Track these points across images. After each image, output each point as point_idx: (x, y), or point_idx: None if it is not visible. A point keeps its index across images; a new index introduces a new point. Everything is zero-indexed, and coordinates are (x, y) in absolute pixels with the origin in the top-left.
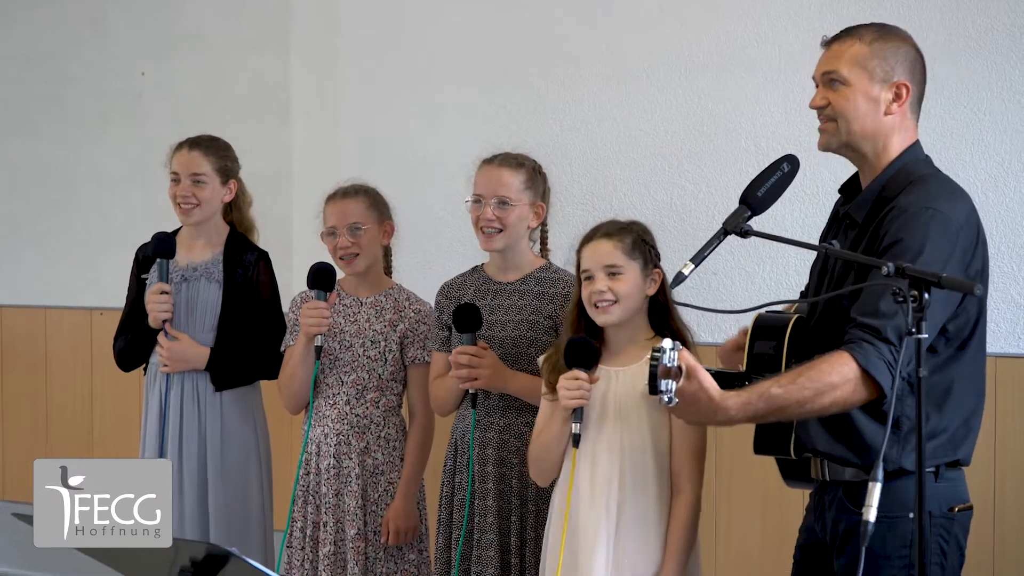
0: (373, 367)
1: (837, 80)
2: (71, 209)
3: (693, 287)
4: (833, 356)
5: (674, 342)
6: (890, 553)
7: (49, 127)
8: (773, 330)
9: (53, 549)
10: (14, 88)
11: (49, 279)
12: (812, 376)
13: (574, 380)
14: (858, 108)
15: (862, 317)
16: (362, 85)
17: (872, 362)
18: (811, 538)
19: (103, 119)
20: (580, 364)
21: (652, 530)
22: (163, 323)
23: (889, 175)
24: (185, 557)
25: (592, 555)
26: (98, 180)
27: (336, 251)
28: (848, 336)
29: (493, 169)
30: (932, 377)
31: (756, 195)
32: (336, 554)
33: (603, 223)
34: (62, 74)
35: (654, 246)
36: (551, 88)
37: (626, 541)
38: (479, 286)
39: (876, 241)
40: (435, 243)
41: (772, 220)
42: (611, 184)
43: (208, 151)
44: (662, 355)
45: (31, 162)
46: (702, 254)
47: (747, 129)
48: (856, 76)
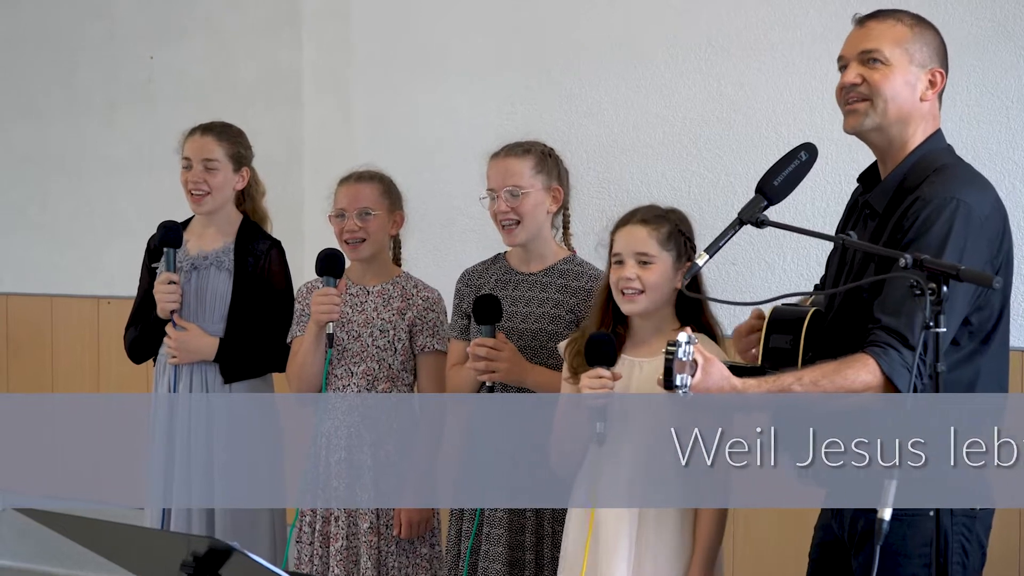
0: (383, 357)
1: (878, 59)
2: (78, 196)
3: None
4: (857, 361)
5: (690, 335)
6: (910, 551)
7: (56, 112)
8: (790, 323)
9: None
10: (20, 72)
11: (55, 267)
12: (836, 381)
13: (597, 379)
14: (897, 89)
15: (887, 318)
16: (374, 69)
17: (896, 370)
18: (828, 536)
19: (111, 104)
20: (601, 362)
21: (676, 525)
22: (171, 313)
23: (911, 163)
24: (187, 551)
25: (615, 551)
26: (106, 167)
27: (342, 234)
28: (872, 337)
29: (500, 161)
30: (955, 372)
31: (772, 184)
32: (348, 548)
33: (642, 207)
34: (69, 58)
35: (691, 238)
36: (566, 73)
37: (649, 536)
38: (500, 276)
39: (898, 232)
40: (448, 231)
41: (791, 210)
42: (627, 172)
43: (221, 137)
44: (677, 348)
45: (38, 148)
46: (717, 244)
47: (766, 116)
48: (897, 57)
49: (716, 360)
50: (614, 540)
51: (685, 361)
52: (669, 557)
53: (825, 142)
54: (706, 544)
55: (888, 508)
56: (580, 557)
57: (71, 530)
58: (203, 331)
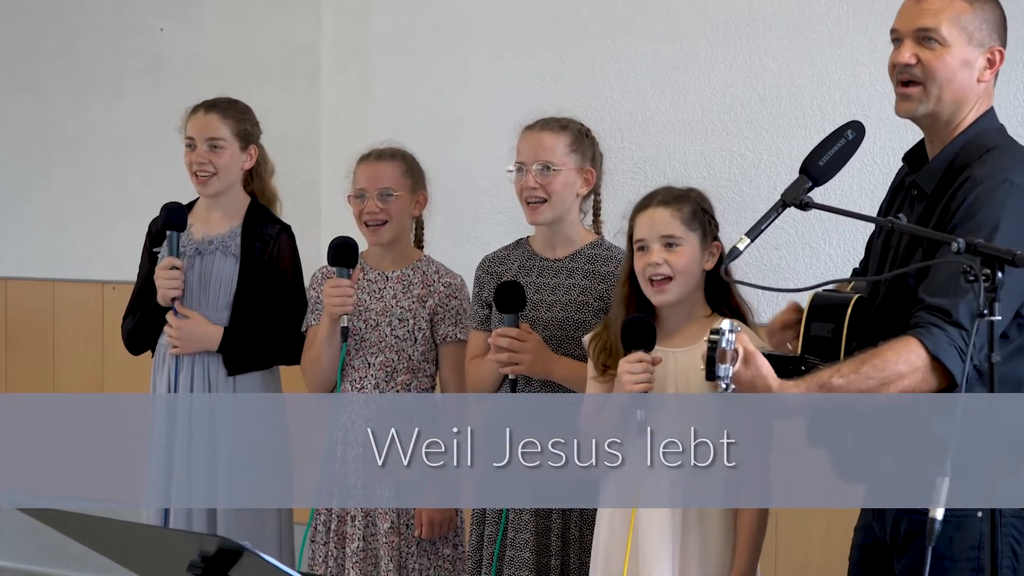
0: (402, 347)
1: (934, 39)
2: (82, 175)
3: (752, 263)
4: (899, 342)
5: (733, 323)
6: (956, 555)
7: (59, 87)
8: (832, 310)
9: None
10: (22, 44)
11: (58, 250)
12: (877, 364)
13: (638, 363)
14: (953, 72)
15: (931, 298)
16: (396, 42)
17: (942, 348)
18: (869, 538)
19: (118, 79)
20: (640, 346)
21: (718, 522)
22: (173, 301)
23: (961, 143)
24: (195, 551)
25: (657, 552)
26: (112, 144)
27: (362, 216)
28: (916, 319)
29: (534, 134)
30: (1003, 367)
31: (817, 164)
32: (366, 550)
33: (658, 190)
34: (73, 29)
35: (714, 216)
36: (600, 47)
37: (692, 534)
38: (523, 262)
39: (947, 215)
40: (474, 213)
41: (837, 191)
42: (664, 152)
43: (226, 114)
44: (720, 337)
45: (40, 124)
46: (759, 228)
47: (811, 92)
48: (955, 37)
49: (759, 353)
50: (656, 545)
51: (728, 351)
52: (715, 552)
53: (873, 120)
54: (748, 547)
55: (941, 507)
56: (614, 561)
57: (73, 529)
58: (206, 319)
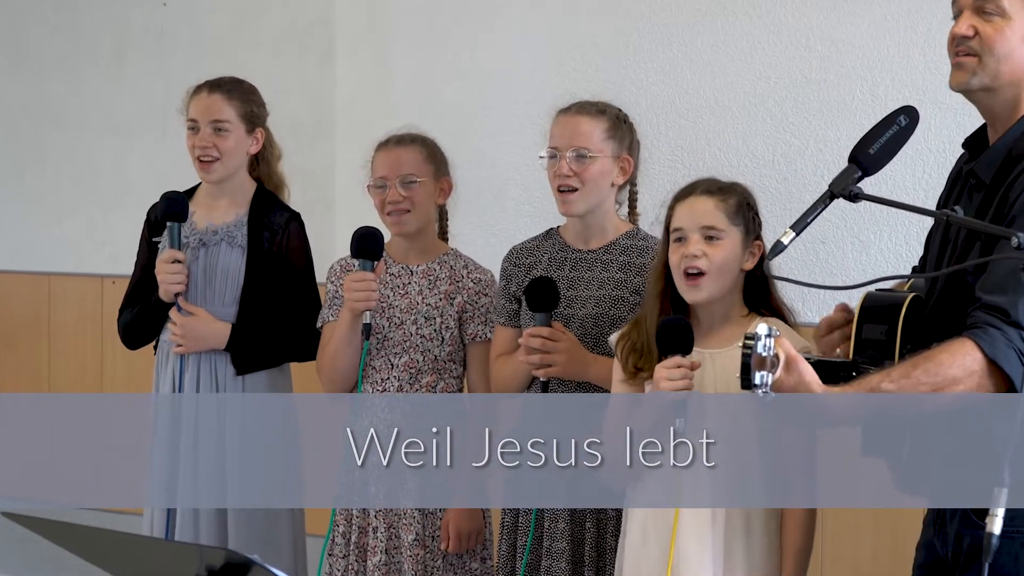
0: (428, 347)
1: (994, 12)
2: (80, 159)
3: (797, 258)
4: (953, 344)
5: (770, 327)
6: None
7: (55, 63)
8: (885, 311)
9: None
10: (15, 17)
11: (54, 241)
12: (929, 369)
13: (676, 368)
14: (1013, 48)
15: (988, 296)
16: (415, 19)
17: (999, 350)
18: (931, 556)
19: (118, 55)
20: (678, 349)
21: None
22: (176, 296)
23: (1022, 128)
24: (201, 565)
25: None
26: (111, 126)
27: (384, 206)
28: (971, 319)
29: (570, 118)
30: None
31: (868, 153)
32: (389, 563)
33: (702, 179)
34: (70, 1)
35: (758, 213)
36: (636, 26)
37: (737, 544)
38: (554, 254)
39: (1005, 206)
40: (499, 203)
41: (889, 182)
42: (703, 138)
43: (231, 95)
44: (756, 342)
45: (33, 104)
46: (804, 220)
47: (862, 75)
48: (1017, 10)
49: (801, 358)
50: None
51: (765, 357)
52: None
53: (927, 105)
54: (795, 557)
55: (999, 519)
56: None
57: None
58: (212, 316)
